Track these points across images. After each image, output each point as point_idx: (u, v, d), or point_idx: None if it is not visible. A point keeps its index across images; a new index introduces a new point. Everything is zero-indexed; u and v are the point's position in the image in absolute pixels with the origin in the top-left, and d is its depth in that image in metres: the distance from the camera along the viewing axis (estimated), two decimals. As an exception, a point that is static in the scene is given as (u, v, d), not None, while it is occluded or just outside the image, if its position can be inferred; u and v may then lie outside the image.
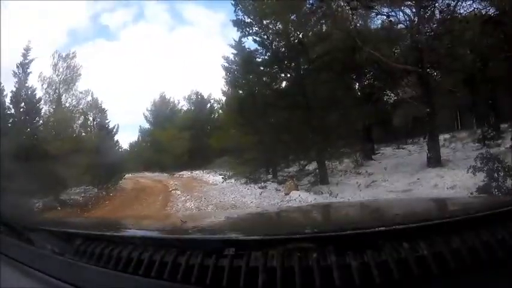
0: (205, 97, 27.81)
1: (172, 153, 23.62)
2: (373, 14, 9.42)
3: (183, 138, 23.59)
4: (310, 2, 6.46)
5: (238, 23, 10.72)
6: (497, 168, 4.91)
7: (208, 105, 27.62)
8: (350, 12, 5.81)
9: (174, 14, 43.66)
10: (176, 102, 28.85)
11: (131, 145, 26.93)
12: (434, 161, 9.48)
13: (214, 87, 47.72)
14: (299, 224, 1.10)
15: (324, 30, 8.89)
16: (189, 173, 21.22)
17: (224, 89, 16.92)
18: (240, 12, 10.66)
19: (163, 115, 26.86)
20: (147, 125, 28.49)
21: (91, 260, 0.79)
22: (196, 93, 27.75)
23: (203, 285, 0.61)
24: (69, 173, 10.94)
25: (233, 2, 10.39)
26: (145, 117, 28.14)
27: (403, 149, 13.92)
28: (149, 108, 28.06)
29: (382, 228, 0.64)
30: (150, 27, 36.39)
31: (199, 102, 27.58)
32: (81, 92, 14.52)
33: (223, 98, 19.60)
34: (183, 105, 28.72)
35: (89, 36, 33.30)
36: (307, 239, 0.63)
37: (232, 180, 12.53)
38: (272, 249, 0.61)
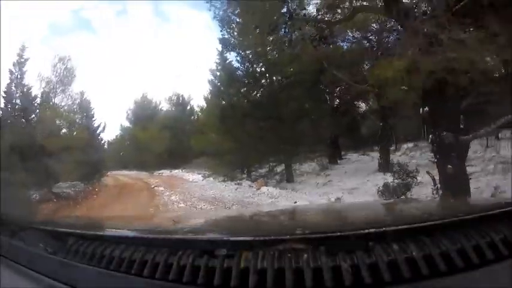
0: (186, 99, 29.26)
1: (152, 152, 24.81)
2: (337, 40, 11.68)
3: (163, 138, 24.80)
4: (284, 32, 8.33)
5: (223, 41, 13.05)
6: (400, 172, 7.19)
7: (189, 107, 29.02)
8: (317, 42, 7.62)
9: (157, 14, 44.72)
10: (157, 102, 30.07)
11: (110, 143, 27.72)
12: (384, 166, 11.50)
13: (196, 89, 48.72)
14: (290, 225, 1.14)
15: (294, 52, 11.01)
16: (169, 172, 22.60)
17: (206, 95, 18.61)
18: (225, 33, 12.94)
19: (144, 114, 27.90)
20: (127, 124, 29.58)
21: (83, 259, 0.83)
22: (177, 95, 29.24)
23: (195, 285, 0.64)
24: (61, 168, 12.24)
25: (220, 25, 12.54)
26: (127, 115, 29.39)
27: (367, 155, 15.46)
28: (131, 107, 29.32)
29: (372, 230, 0.66)
30: (133, 27, 37.33)
31: (180, 103, 29.02)
32: (76, 93, 15.73)
33: (204, 103, 21.04)
34: (164, 106, 29.95)
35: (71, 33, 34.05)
36: (298, 240, 0.65)
37: (211, 179, 14.46)
38: (263, 250, 0.63)
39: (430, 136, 5.72)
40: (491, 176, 7.89)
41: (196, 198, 10.38)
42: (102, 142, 18.64)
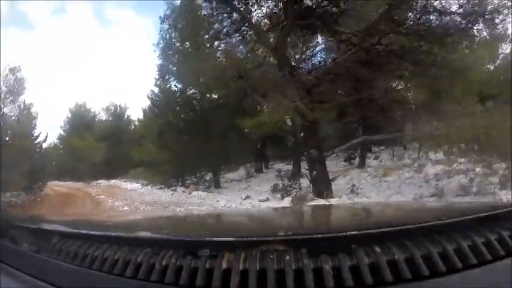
0: (123, 109, 30.36)
1: (89, 162, 25.47)
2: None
3: (100, 148, 25.49)
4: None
5: (161, 67, 15.40)
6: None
7: (125, 116, 30.12)
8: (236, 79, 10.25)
9: (98, 18, 44.37)
10: (96, 112, 30.91)
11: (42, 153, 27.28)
12: (296, 174, 14.03)
13: (133, 100, 48.99)
14: (273, 226, 1.14)
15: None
16: (106, 181, 23.35)
17: (144, 107, 20.21)
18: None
19: (81, 123, 28.35)
20: (60, 132, 30.02)
21: (66, 258, 0.83)
22: (115, 105, 30.28)
23: (177, 285, 0.64)
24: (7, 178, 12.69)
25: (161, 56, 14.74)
26: (64, 124, 30.00)
27: (290, 164, 17.03)
28: (68, 116, 29.87)
29: (355, 232, 0.67)
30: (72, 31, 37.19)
31: (117, 114, 30.01)
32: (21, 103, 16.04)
33: (141, 114, 22.18)
34: (101, 115, 30.76)
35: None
36: (281, 242, 0.65)
37: (149, 187, 16.47)
38: (245, 251, 0.64)
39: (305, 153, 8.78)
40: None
41: (138, 202, 11.96)
42: (42, 151, 18.76)
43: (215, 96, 14.94)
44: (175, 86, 15.62)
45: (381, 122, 9.75)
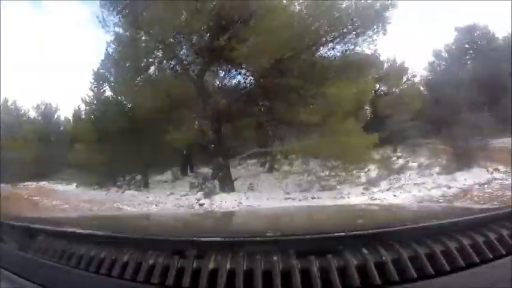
0: (53, 108, 30.31)
1: (17, 163, 23.80)
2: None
3: (29, 148, 24.98)
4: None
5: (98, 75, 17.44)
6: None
7: (56, 116, 30.04)
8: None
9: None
10: (25, 110, 30.18)
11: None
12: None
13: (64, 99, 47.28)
14: (261, 227, 1.17)
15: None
16: (35, 183, 22.68)
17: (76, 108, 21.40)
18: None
19: (7, 122, 26.98)
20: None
21: (52, 257, 0.84)
22: (46, 104, 30.16)
23: (164, 285, 0.66)
24: None
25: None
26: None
27: None
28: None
29: (343, 233, 0.69)
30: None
31: (47, 113, 29.85)
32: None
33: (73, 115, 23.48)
34: (31, 114, 30.17)
35: None
36: (268, 242, 0.68)
37: (81, 188, 18.02)
38: (233, 251, 0.66)
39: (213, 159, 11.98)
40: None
41: (75, 201, 13.01)
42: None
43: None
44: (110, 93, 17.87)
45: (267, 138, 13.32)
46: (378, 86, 27.19)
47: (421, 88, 30.47)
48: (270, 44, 9.45)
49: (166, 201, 11.89)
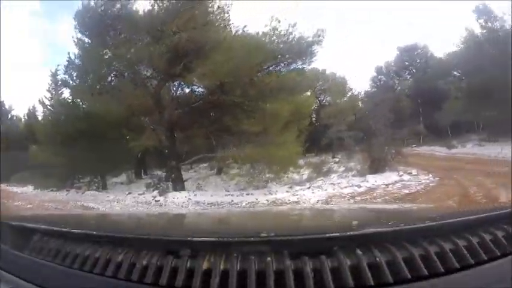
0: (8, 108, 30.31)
1: None
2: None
3: None
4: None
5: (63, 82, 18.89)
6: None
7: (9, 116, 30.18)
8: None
9: None
10: None
11: None
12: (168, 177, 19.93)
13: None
14: (255, 227, 1.16)
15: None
16: None
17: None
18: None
19: None
20: None
21: (47, 256, 0.87)
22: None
23: (158, 285, 0.67)
24: None
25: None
26: None
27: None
28: None
29: (336, 234, 0.70)
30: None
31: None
32: None
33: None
34: None
35: None
36: (262, 243, 0.68)
37: (39, 190, 18.90)
38: (227, 252, 0.67)
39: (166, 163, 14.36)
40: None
41: (38, 201, 14.12)
42: None
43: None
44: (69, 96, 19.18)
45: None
46: (321, 98, 31.20)
47: (360, 101, 34.60)
48: (216, 71, 12.09)
49: (125, 199, 13.74)
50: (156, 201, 12.46)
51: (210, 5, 13.31)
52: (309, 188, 13.22)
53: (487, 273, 0.70)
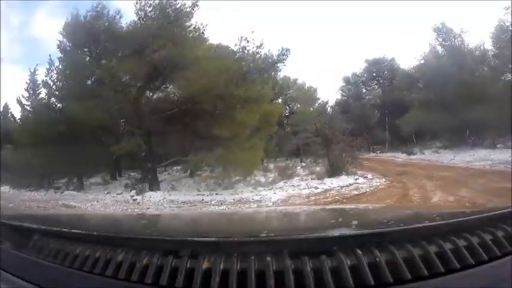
0: None
1: None
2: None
3: None
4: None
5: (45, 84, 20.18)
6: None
7: None
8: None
9: None
10: None
11: None
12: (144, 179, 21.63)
13: None
14: (255, 227, 1.21)
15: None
16: None
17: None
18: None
19: None
20: None
21: (47, 257, 0.88)
22: None
23: (158, 285, 0.68)
24: None
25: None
26: None
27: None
28: None
29: (336, 234, 0.72)
30: None
31: None
32: None
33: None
34: None
35: None
36: (262, 243, 0.70)
37: (16, 190, 19.61)
38: (227, 252, 0.68)
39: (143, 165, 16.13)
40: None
41: (19, 200, 14.73)
42: None
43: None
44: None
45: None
46: (290, 106, 33.74)
47: (328, 109, 37.38)
48: (190, 85, 14.10)
49: (105, 198, 15.11)
50: (133, 200, 13.98)
51: (188, 25, 15.30)
52: (271, 189, 15.19)
53: (487, 273, 0.72)
